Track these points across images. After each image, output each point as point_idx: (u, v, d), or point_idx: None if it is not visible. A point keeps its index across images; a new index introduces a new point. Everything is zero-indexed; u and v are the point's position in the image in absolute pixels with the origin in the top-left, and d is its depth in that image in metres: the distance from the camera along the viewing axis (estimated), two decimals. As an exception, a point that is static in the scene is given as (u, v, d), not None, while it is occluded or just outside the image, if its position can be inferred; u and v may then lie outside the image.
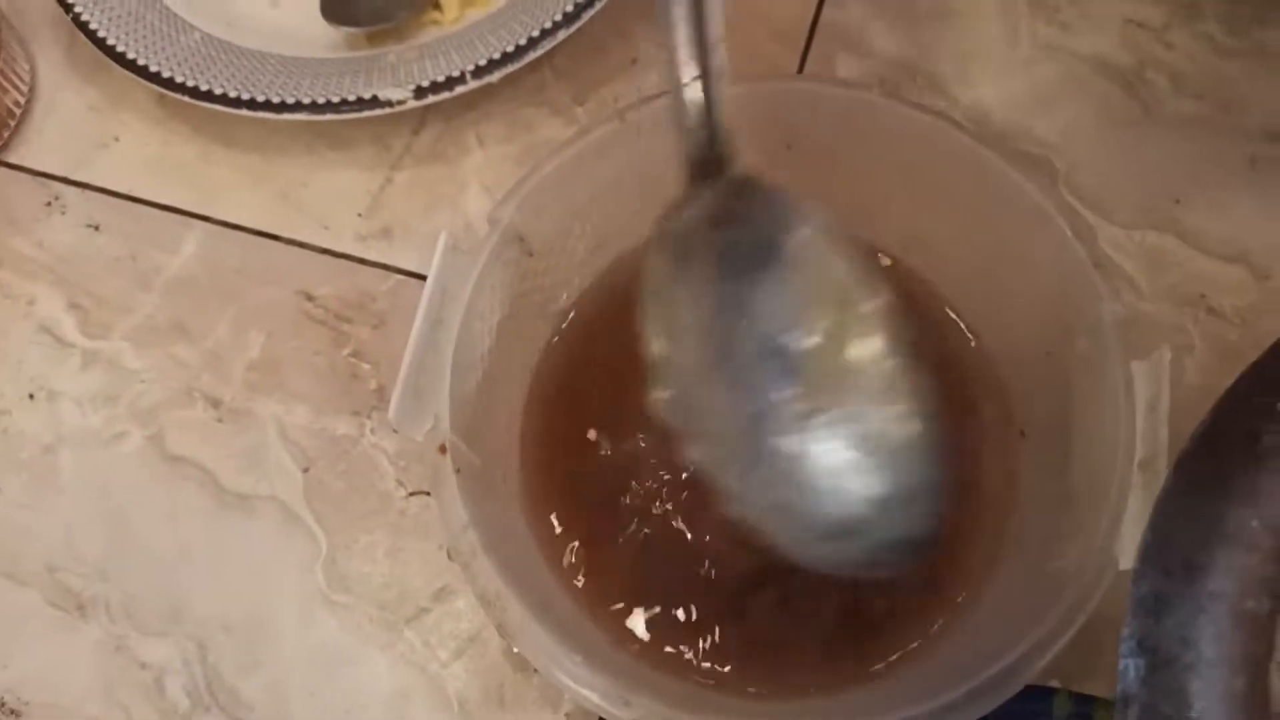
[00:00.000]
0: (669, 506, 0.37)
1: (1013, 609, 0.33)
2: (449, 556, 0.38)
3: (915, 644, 0.35)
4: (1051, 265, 0.35)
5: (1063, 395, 0.35)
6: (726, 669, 0.35)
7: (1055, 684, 0.35)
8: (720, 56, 0.29)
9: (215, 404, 0.45)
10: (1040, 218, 0.35)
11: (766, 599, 0.36)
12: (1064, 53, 0.51)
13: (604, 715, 0.30)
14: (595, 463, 0.38)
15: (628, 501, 0.38)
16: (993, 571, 0.36)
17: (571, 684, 0.29)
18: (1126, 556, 0.31)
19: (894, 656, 0.35)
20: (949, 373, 0.39)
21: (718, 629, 0.36)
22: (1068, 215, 0.35)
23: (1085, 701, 0.34)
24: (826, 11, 0.52)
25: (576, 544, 0.38)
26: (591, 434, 0.39)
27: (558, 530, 0.38)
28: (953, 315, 0.40)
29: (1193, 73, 0.50)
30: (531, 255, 0.37)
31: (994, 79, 0.50)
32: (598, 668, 0.30)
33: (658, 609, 0.36)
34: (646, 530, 0.37)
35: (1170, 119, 0.49)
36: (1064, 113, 0.49)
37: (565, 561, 0.37)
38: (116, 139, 0.51)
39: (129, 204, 0.49)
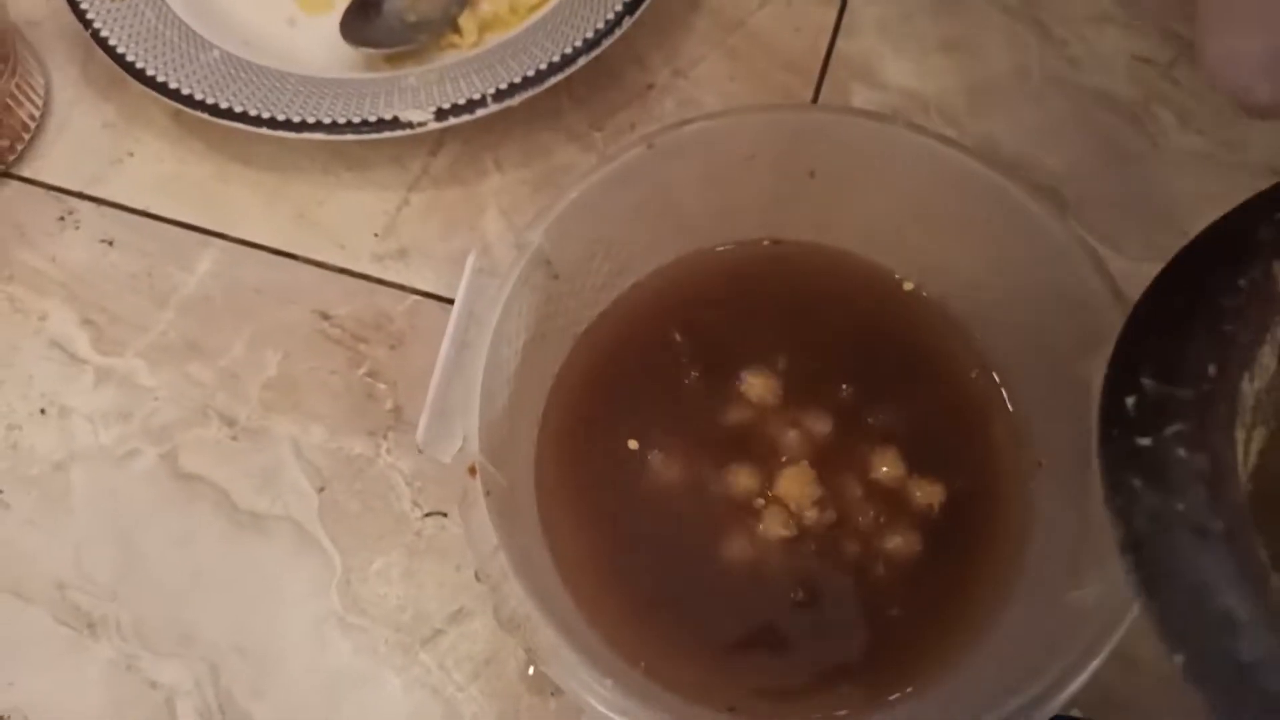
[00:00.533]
0: (690, 530, 0.38)
1: (1031, 640, 0.33)
2: (477, 579, 0.38)
3: (931, 674, 0.35)
4: (1071, 296, 0.36)
5: (1082, 424, 0.36)
6: (747, 697, 0.35)
7: (1076, 713, 0.35)
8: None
9: (230, 423, 0.45)
10: (1059, 249, 0.36)
11: (789, 627, 0.36)
12: (1072, 87, 0.52)
13: (634, 741, 0.30)
14: (616, 490, 0.38)
15: (647, 524, 0.38)
16: (1010, 601, 0.36)
17: (604, 710, 0.29)
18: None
19: (910, 688, 0.35)
20: (967, 404, 0.39)
21: (735, 655, 0.36)
22: (1085, 247, 0.35)
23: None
24: (840, 43, 0.52)
25: (595, 567, 0.38)
26: (609, 453, 0.39)
27: (576, 553, 0.38)
28: (971, 346, 0.40)
29: (1197, 109, 0.51)
30: (557, 278, 0.38)
31: (1004, 112, 0.51)
32: (631, 693, 0.30)
33: (676, 634, 0.36)
34: (667, 554, 0.38)
35: (1175, 154, 0.50)
36: (1072, 146, 0.50)
37: (583, 585, 0.37)
38: (131, 155, 0.51)
39: (144, 220, 0.49)
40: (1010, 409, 0.39)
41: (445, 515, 0.43)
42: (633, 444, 0.39)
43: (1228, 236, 0.28)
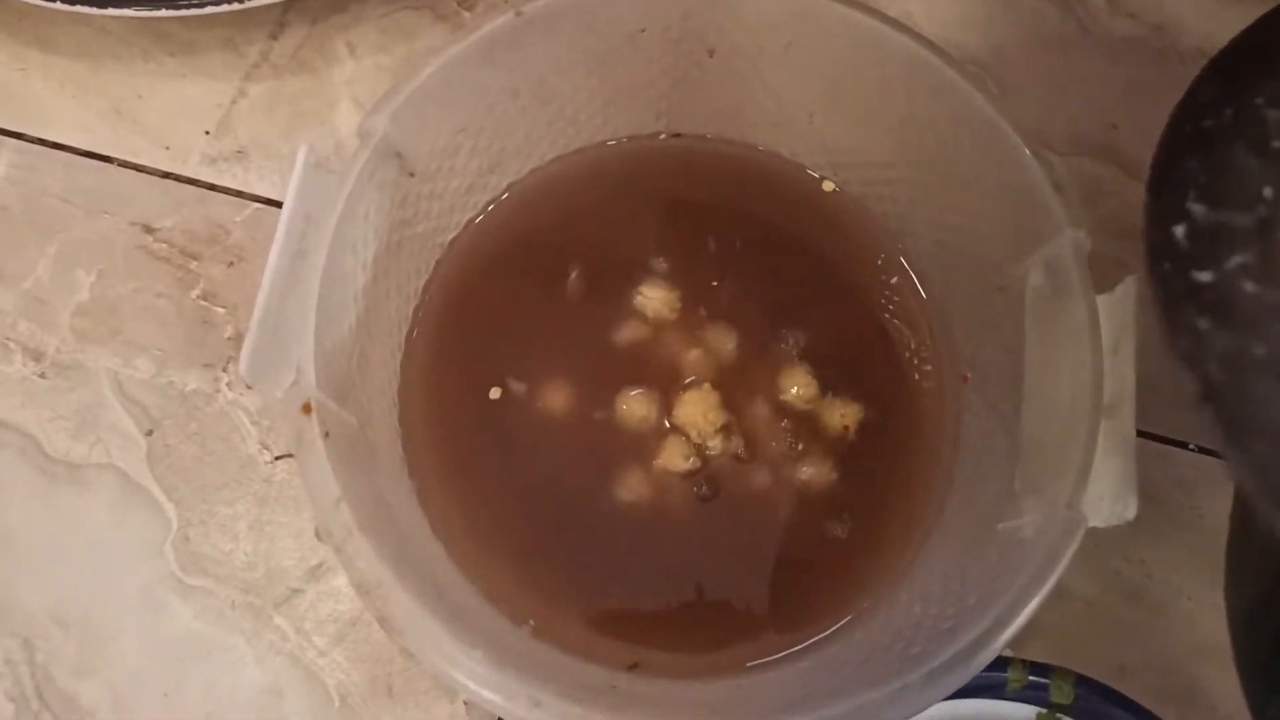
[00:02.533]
0: (580, 469, 0.33)
1: (962, 572, 0.30)
2: (318, 537, 0.33)
3: (853, 615, 0.31)
4: (1005, 188, 0.31)
5: (1014, 335, 0.32)
6: (647, 650, 0.31)
7: (1008, 653, 0.32)
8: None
9: (36, 357, 0.38)
10: (993, 135, 0.31)
11: (694, 571, 0.32)
12: (996, -36, 0.47)
13: (513, 719, 0.25)
14: (493, 424, 0.33)
15: (531, 464, 0.33)
16: (937, 532, 0.32)
17: (472, 685, 0.25)
18: (1096, 513, 0.27)
19: (833, 626, 0.31)
20: (887, 315, 0.35)
21: (635, 607, 0.31)
22: (1022, 132, 0.31)
23: (1041, 669, 0.31)
24: (743, -90, 0.46)
25: (470, 515, 0.33)
26: (492, 391, 0.33)
27: (448, 504, 0.32)
28: (892, 251, 0.36)
29: (1128, -10, 0.47)
30: (413, 176, 0.32)
31: (923, -9, 0.46)
32: (502, 663, 0.25)
33: (567, 588, 0.31)
34: (554, 497, 0.33)
35: (1105, 39, 0.46)
36: (997, 30, 0.46)
37: (458, 539, 0.32)
38: (-97, 40, 0.42)
39: (-80, 118, 0.41)
40: (934, 319, 0.35)
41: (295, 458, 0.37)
42: (512, 373, 0.33)
43: (1269, 43, 0.24)
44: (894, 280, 0.35)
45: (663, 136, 0.37)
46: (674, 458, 0.32)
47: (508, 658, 0.25)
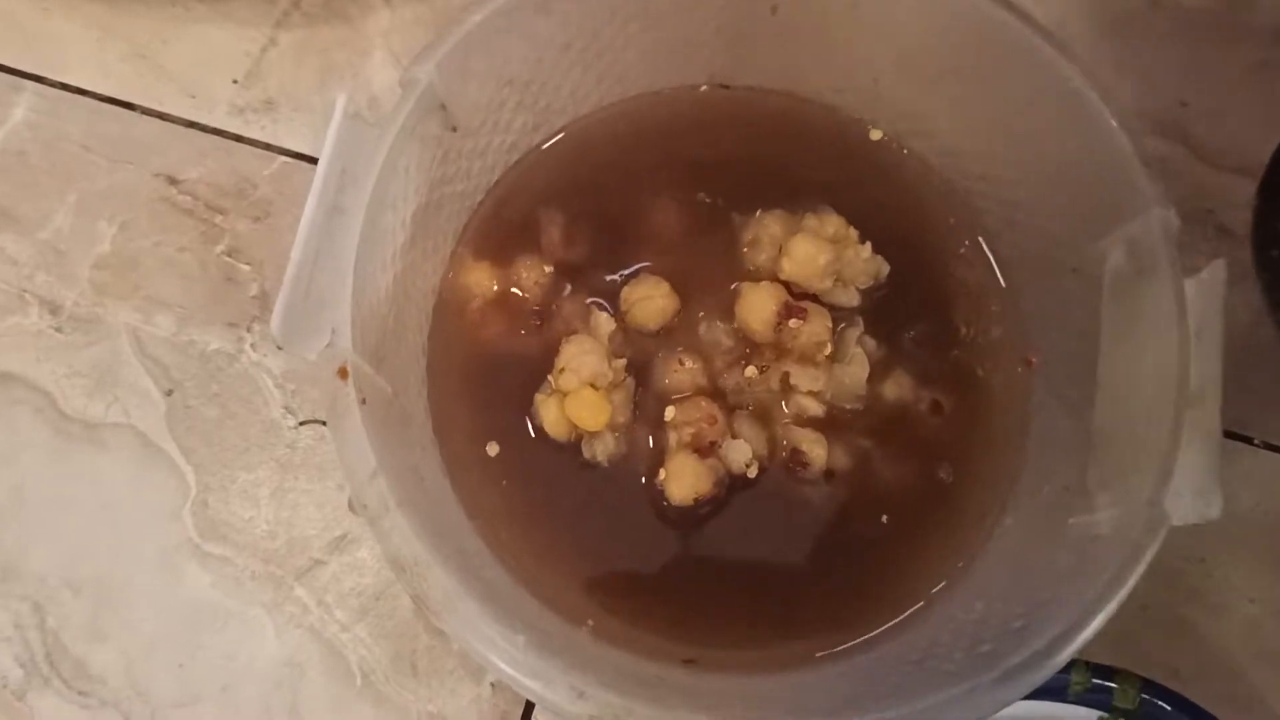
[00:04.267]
0: (633, 451, 0.31)
1: (1031, 567, 0.28)
2: (351, 510, 0.32)
3: (916, 607, 0.30)
4: (1087, 161, 0.29)
5: (1086, 319, 0.30)
6: (703, 645, 0.29)
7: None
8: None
9: (54, 310, 0.37)
10: (1077, 102, 0.29)
11: (745, 564, 0.30)
12: (1064, -70, 0.44)
13: (553, 709, 0.23)
14: (529, 395, 0.31)
15: (573, 456, 0.31)
16: (1002, 522, 0.30)
17: (513, 672, 0.23)
18: (1176, 511, 0.26)
19: (895, 620, 0.29)
20: (949, 286, 0.33)
21: (691, 601, 0.30)
22: (1111, 102, 0.29)
23: (1105, 672, 0.29)
24: None
25: (505, 495, 0.31)
26: (524, 352, 0.32)
27: (481, 478, 0.31)
28: (959, 215, 0.33)
29: (1202, -39, 0.44)
30: (455, 131, 0.30)
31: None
32: (547, 651, 0.23)
33: (611, 572, 0.30)
34: (602, 482, 0.31)
35: (1177, 13, 0.44)
36: (1061, 1, 0.43)
37: (493, 517, 0.30)
38: (-80, -25, 0.40)
39: (-64, 57, 0.39)
40: (1004, 298, 0.33)
41: (325, 424, 0.35)
42: (560, 339, 0.32)
43: None
44: (962, 252, 0.33)
45: (703, 88, 0.35)
46: (732, 449, 0.30)
47: (550, 645, 0.24)
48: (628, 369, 0.31)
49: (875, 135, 0.34)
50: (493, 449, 0.31)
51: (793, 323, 0.31)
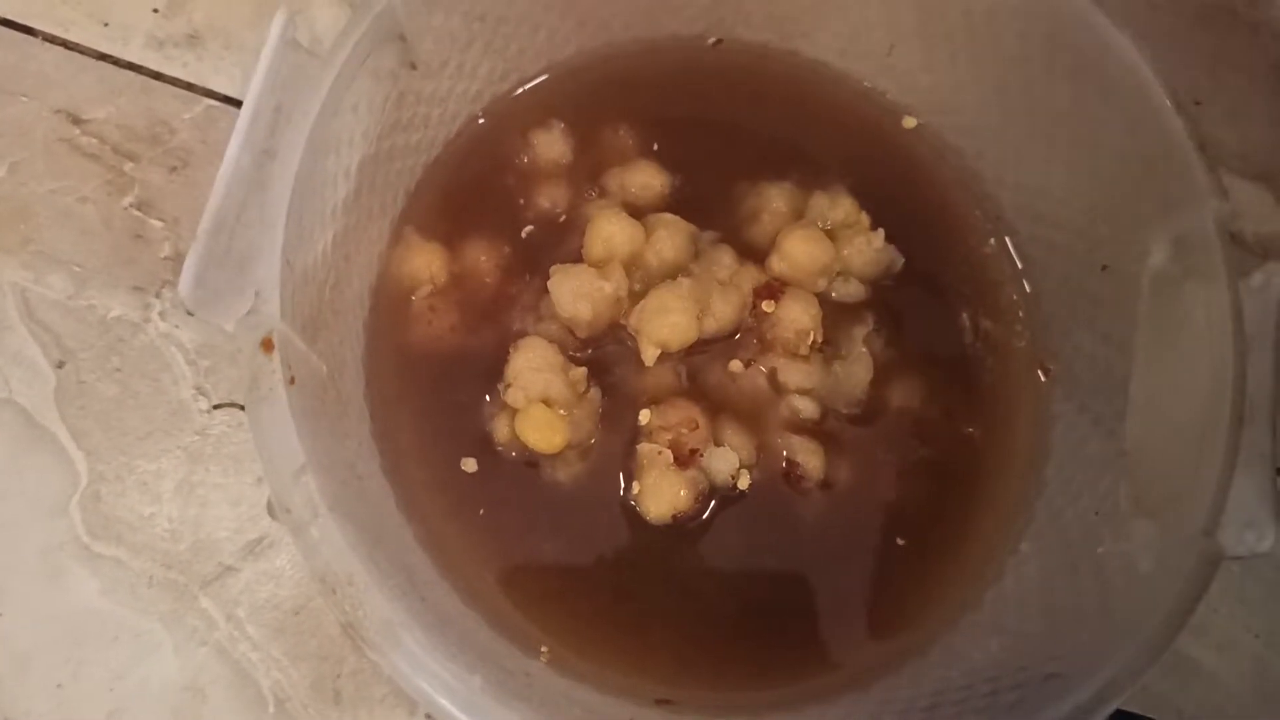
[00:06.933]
0: (599, 462, 0.27)
1: (1054, 602, 0.25)
2: (270, 514, 0.27)
3: (917, 643, 0.26)
4: (1129, 144, 0.26)
5: (1116, 324, 0.27)
6: (677, 685, 0.25)
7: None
8: None
9: (-77, 262, 0.31)
10: (1127, 80, 0.26)
11: (728, 594, 0.26)
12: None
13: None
14: (483, 385, 0.27)
15: (537, 467, 0.27)
16: (1016, 550, 0.27)
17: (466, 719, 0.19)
18: (1229, 543, 0.22)
19: (891, 656, 0.26)
20: (963, 283, 0.30)
21: (665, 633, 0.26)
22: (1163, 81, 0.25)
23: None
24: None
25: (457, 506, 0.26)
26: (480, 331, 0.27)
27: (428, 485, 0.26)
28: (980, 201, 0.30)
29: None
30: (415, 69, 0.26)
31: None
32: (506, 693, 0.19)
33: (576, 599, 0.26)
34: (558, 488, 0.27)
35: (1192, 5, 0.41)
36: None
37: (441, 529, 0.26)
38: None
39: None
40: (1024, 297, 0.29)
41: (243, 408, 0.31)
42: (515, 319, 0.27)
43: None
44: (986, 250, 0.30)
45: (710, 41, 0.31)
46: (715, 457, 0.27)
47: (509, 685, 0.20)
48: (591, 375, 0.27)
49: (906, 121, 0.30)
50: (443, 455, 0.26)
51: (765, 305, 0.27)
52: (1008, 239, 0.30)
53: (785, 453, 0.27)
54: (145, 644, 0.29)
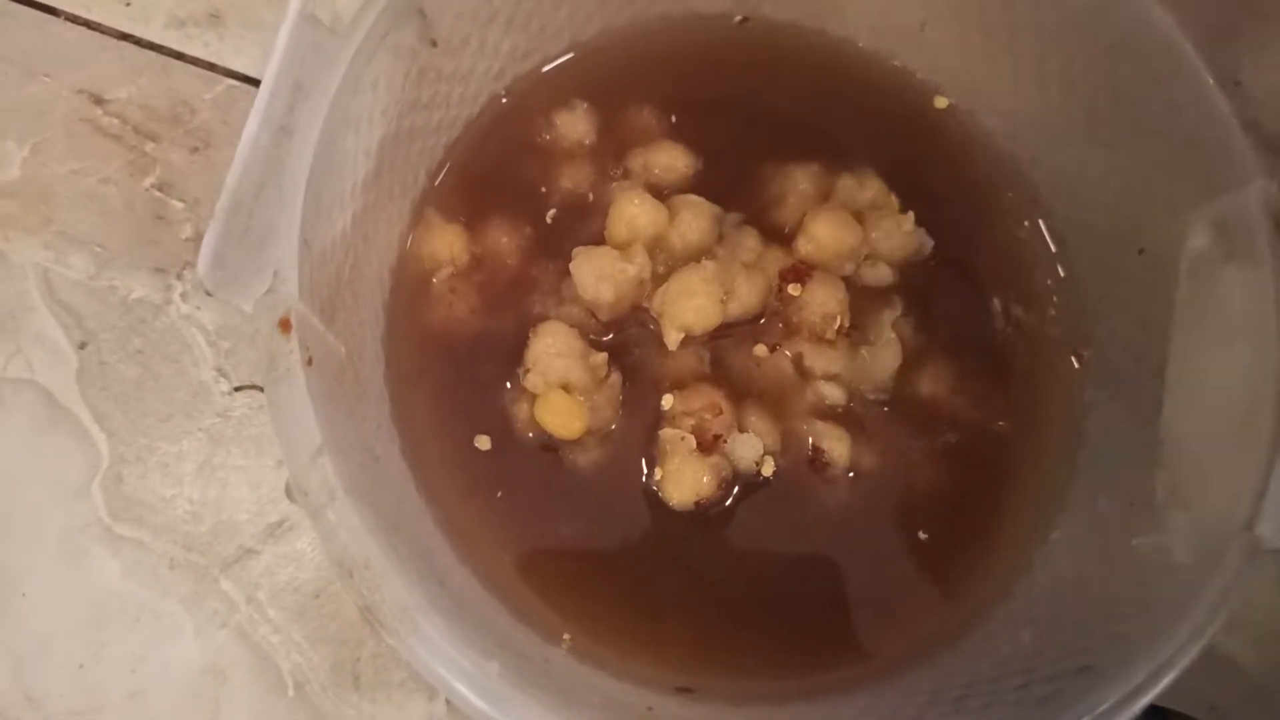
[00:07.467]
0: (623, 447, 0.26)
1: (1086, 594, 0.24)
2: (288, 496, 0.27)
3: (945, 629, 0.25)
4: (1171, 122, 0.25)
5: (1152, 308, 0.26)
6: (697, 672, 0.25)
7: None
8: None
9: (-54, 243, 0.31)
10: (1166, 51, 0.25)
11: (747, 570, 0.26)
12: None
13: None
14: (505, 370, 0.27)
15: (559, 453, 0.26)
16: (1046, 540, 0.26)
17: (484, 705, 0.19)
18: (1269, 535, 0.22)
19: (919, 645, 0.25)
20: (995, 268, 0.29)
21: (687, 621, 0.25)
22: (1204, 61, 0.25)
23: (1156, 714, 0.26)
24: None
25: (476, 490, 0.26)
26: (501, 316, 0.27)
27: (448, 468, 0.26)
28: (1014, 190, 0.29)
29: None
30: (435, 46, 0.25)
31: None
32: (525, 680, 0.19)
33: (597, 585, 0.25)
34: (580, 473, 0.26)
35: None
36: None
37: (456, 509, 0.26)
38: None
39: None
40: (1059, 281, 0.29)
41: (264, 390, 0.30)
42: (536, 302, 0.27)
43: None
44: (1019, 234, 0.29)
45: (737, 19, 0.30)
46: (739, 443, 0.26)
47: (528, 672, 0.19)
48: (612, 361, 0.26)
49: (938, 101, 0.29)
50: (461, 439, 0.26)
51: (791, 288, 0.27)
52: (1041, 221, 0.29)
53: (810, 439, 0.27)
54: (166, 626, 0.29)
